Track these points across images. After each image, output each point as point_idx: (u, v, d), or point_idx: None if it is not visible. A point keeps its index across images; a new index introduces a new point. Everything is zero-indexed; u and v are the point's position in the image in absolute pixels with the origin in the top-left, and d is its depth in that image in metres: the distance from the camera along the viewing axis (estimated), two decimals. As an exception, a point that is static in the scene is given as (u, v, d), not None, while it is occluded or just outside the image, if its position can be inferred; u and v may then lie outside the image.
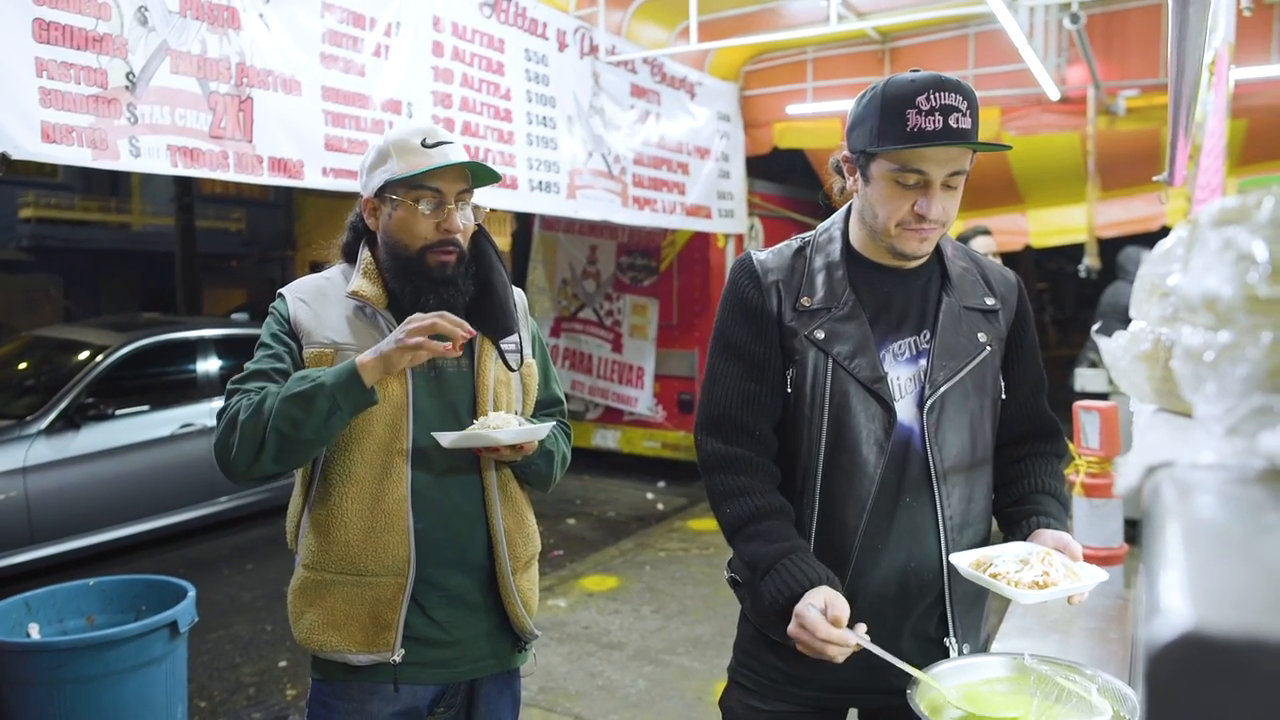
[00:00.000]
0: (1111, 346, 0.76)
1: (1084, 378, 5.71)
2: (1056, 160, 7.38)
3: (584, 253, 8.62)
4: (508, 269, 1.97)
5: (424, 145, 1.78)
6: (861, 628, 1.39)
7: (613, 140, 5.88)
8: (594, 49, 5.70)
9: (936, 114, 1.44)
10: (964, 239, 4.90)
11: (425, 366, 1.81)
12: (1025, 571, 1.38)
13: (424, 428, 1.77)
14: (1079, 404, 2.28)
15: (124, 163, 3.18)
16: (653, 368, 8.21)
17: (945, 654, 1.63)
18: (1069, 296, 27.50)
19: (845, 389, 1.57)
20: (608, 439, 8.40)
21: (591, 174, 5.69)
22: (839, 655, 1.39)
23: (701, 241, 7.85)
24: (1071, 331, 23.68)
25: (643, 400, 8.24)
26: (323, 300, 1.84)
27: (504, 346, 1.90)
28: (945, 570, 1.60)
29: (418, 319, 1.65)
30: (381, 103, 4.14)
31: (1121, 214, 7.86)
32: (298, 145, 3.77)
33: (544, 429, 1.79)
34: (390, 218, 1.80)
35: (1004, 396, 1.68)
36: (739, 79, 7.49)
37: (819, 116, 7.30)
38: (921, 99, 1.44)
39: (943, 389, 1.57)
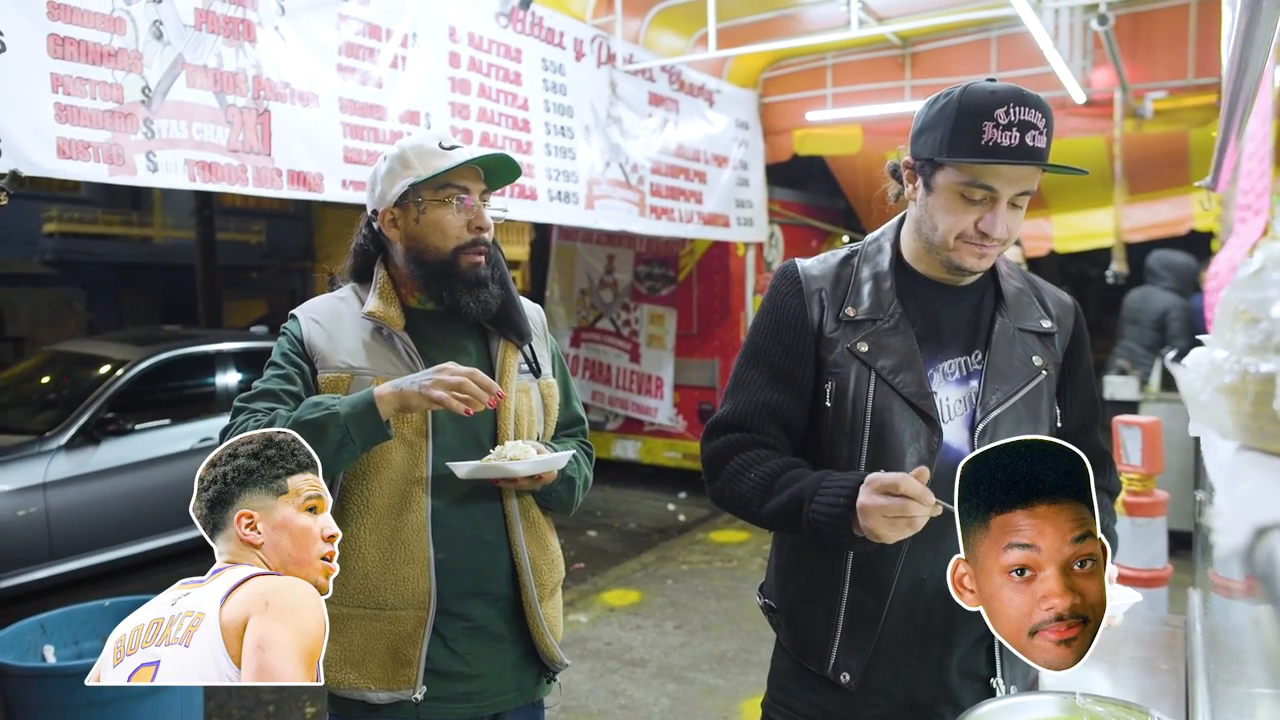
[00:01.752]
0: (1190, 378, 0.70)
1: (1114, 385, 5.61)
2: (1081, 164, 7.24)
3: (602, 262, 8.58)
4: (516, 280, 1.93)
5: (442, 148, 1.75)
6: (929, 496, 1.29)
7: (630, 149, 5.83)
8: (611, 58, 5.65)
9: (1014, 130, 1.37)
10: None
11: None
12: None
13: (443, 454, 1.71)
14: (1119, 419, 2.20)
15: (141, 178, 3.15)
16: (672, 378, 8.15)
17: (992, 694, 1.54)
18: (1093, 302, 27.24)
19: (889, 404, 1.49)
20: (628, 449, 8.33)
21: (609, 184, 5.64)
22: (920, 516, 1.28)
23: (721, 250, 7.78)
24: (1096, 337, 23.44)
25: (662, 410, 8.17)
26: (337, 322, 1.78)
27: (525, 355, 1.85)
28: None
29: (449, 372, 1.58)
30: (399, 114, 4.11)
31: (1148, 218, 7.74)
32: (316, 158, 3.74)
33: (563, 458, 1.72)
34: (418, 222, 1.75)
35: (1060, 424, 1.59)
36: (758, 86, 7.43)
37: (839, 123, 7.23)
38: (1000, 112, 1.38)
39: (995, 412, 1.50)
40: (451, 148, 1.76)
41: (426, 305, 1.81)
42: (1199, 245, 8.53)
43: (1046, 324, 1.59)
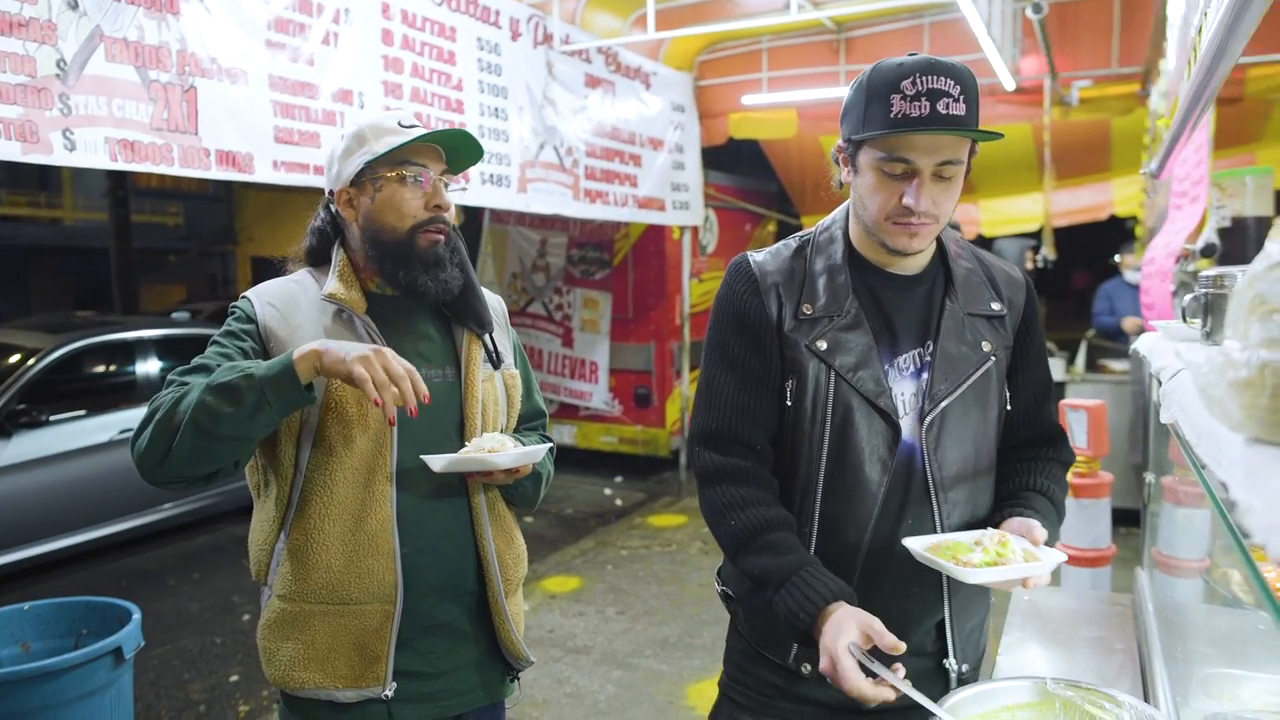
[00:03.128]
0: (1205, 370, 0.69)
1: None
2: (1009, 150, 7.43)
3: (534, 246, 8.49)
4: None
5: (401, 126, 1.69)
6: (900, 671, 1.28)
7: (565, 131, 5.75)
8: (548, 38, 5.56)
9: (923, 99, 1.35)
10: None
11: None
12: (976, 553, 1.32)
13: (409, 446, 1.64)
14: (1065, 402, 2.24)
15: (58, 156, 2.98)
16: (607, 362, 8.12)
17: (944, 675, 1.56)
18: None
19: (848, 403, 1.49)
20: (563, 434, 8.29)
21: (543, 166, 5.56)
22: (874, 701, 1.28)
23: (656, 234, 7.76)
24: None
25: (598, 395, 8.14)
26: (293, 306, 1.69)
27: (487, 346, 1.80)
28: (946, 589, 1.54)
29: (385, 359, 1.46)
30: (332, 93, 3.97)
31: (1071, 203, 7.96)
32: (246, 137, 3.59)
33: (540, 450, 1.68)
34: (374, 200, 1.68)
35: (1009, 406, 1.60)
36: (694, 69, 7.40)
37: (773, 107, 7.25)
38: (907, 83, 1.36)
39: (943, 404, 1.50)
40: (410, 127, 1.70)
41: (386, 290, 1.74)
42: (1117, 230, 8.80)
43: (996, 306, 1.57)
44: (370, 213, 1.69)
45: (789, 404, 1.53)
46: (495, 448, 1.61)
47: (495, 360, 1.81)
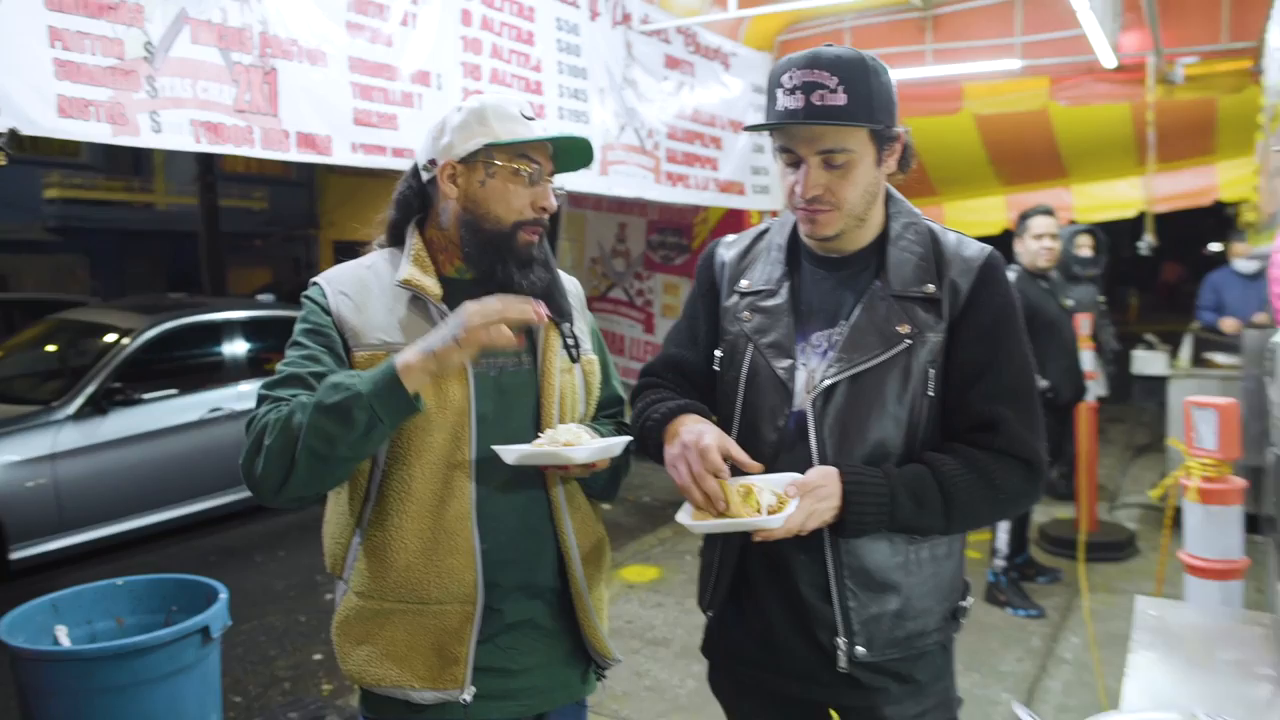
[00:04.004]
0: None
1: (1142, 360, 5.46)
2: (1106, 132, 7.10)
3: (613, 230, 8.42)
4: None
5: (523, 115, 1.63)
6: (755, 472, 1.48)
7: (646, 113, 5.65)
8: (627, 18, 5.46)
9: (798, 92, 1.45)
10: (1025, 217, 4.65)
11: (484, 363, 1.62)
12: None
13: (486, 437, 1.58)
14: (1190, 400, 2.07)
15: (145, 139, 3.00)
16: (686, 348, 8.01)
17: (830, 657, 1.55)
18: (1113, 275, 27.05)
19: (756, 369, 1.61)
20: (640, 420, 8.21)
21: (624, 149, 5.48)
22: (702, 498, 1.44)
23: (735, 218, 7.60)
24: (1113, 311, 23.28)
25: (676, 381, 8.05)
26: (366, 293, 1.63)
27: (565, 336, 1.72)
28: (831, 557, 1.54)
29: (477, 307, 1.44)
30: (410, 74, 3.95)
31: (1172, 187, 7.58)
32: (325, 120, 3.58)
33: (619, 444, 1.59)
34: (484, 185, 1.61)
35: (931, 392, 1.54)
36: (774, 49, 7.22)
37: (858, 87, 7.02)
38: (785, 76, 1.47)
39: (831, 381, 1.53)
40: (531, 118, 1.64)
41: (466, 275, 1.67)
42: (1211, 217, 8.33)
43: (930, 288, 1.55)
44: (476, 196, 1.62)
45: (717, 369, 1.69)
46: (571, 441, 1.53)
47: (573, 354, 1.73)
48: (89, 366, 5.69)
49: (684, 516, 1.45)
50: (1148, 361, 5.47)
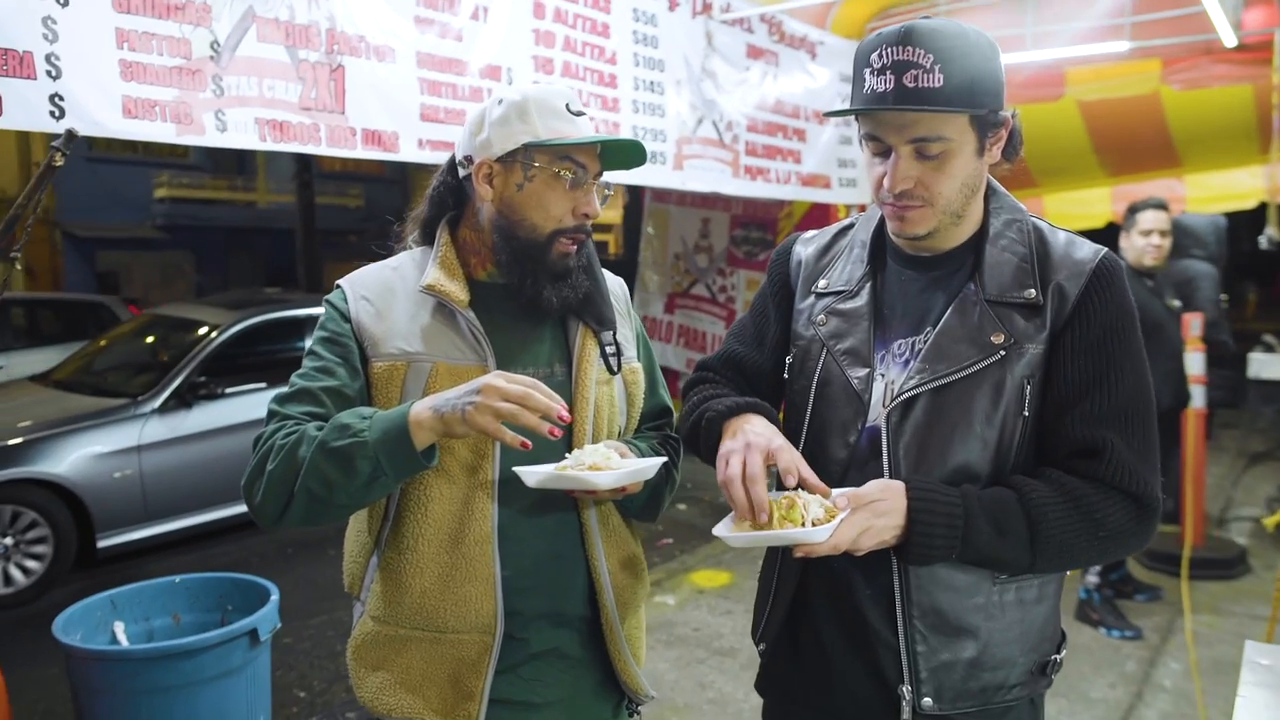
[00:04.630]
0: None
1: (1259, 363, 5.06)
2: (1224, 117, 6.61)
3: (696, 225, 8.29)
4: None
5: (569, 110, 1.50)
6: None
7: (725, 105, 5.49)
8: (707, 7, 5.31)
9: (888, 72, 1.28)
10: (1133, 210, 4.34)
11: (515, 374, 1.51)
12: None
13: (511, 455, 1.46)
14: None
15: (209, 138, 3.00)
16: (768, 346, 7.83)
17: (895, 707, 1.38)
18: (1231, 270, 25.71)
19: (829, 378, 1.47)
20: (722, 419, 8.06)
21: (701, 142, 5.33)
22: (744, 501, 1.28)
23: (821, 213, 7.38)
24: (1230, 308, 22.17)
25: (757, 380, 7.88)
26: (389, 298, 1.54)
27: (605, 345, 1.59)
28: (900, 592, 1.38)
29: (497, 394, 1.30)
30: (479, 69, 3.88)
31: (1296, 178, 7.03)
32: (391, 116, 3.55)
33: (651, 466, 1.44)
34: (521, 189, 1.50)
35: (1026, 411, 1.35)
36: (864, 36, 6.96)
37: (951, 75, 6.72)
38: (874, 55, 1.30)
39: (912, 393, 1.37)
40: (578, 113, 1.51)
41: (498, 279, 1.56)
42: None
43: (1031, 293, 1.36)
44: (512, 201, 1.51)
45: (786, 376, 1.56)
46: (599, 463, 1.39)
47: (612, 365, 1.60)
48: (177, 361, 5.84)
49: (722, 529, 1.31)
50: (1266, 365, 5.06)
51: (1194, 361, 4.65)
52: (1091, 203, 8.00)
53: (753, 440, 1.33)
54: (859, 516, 1.26)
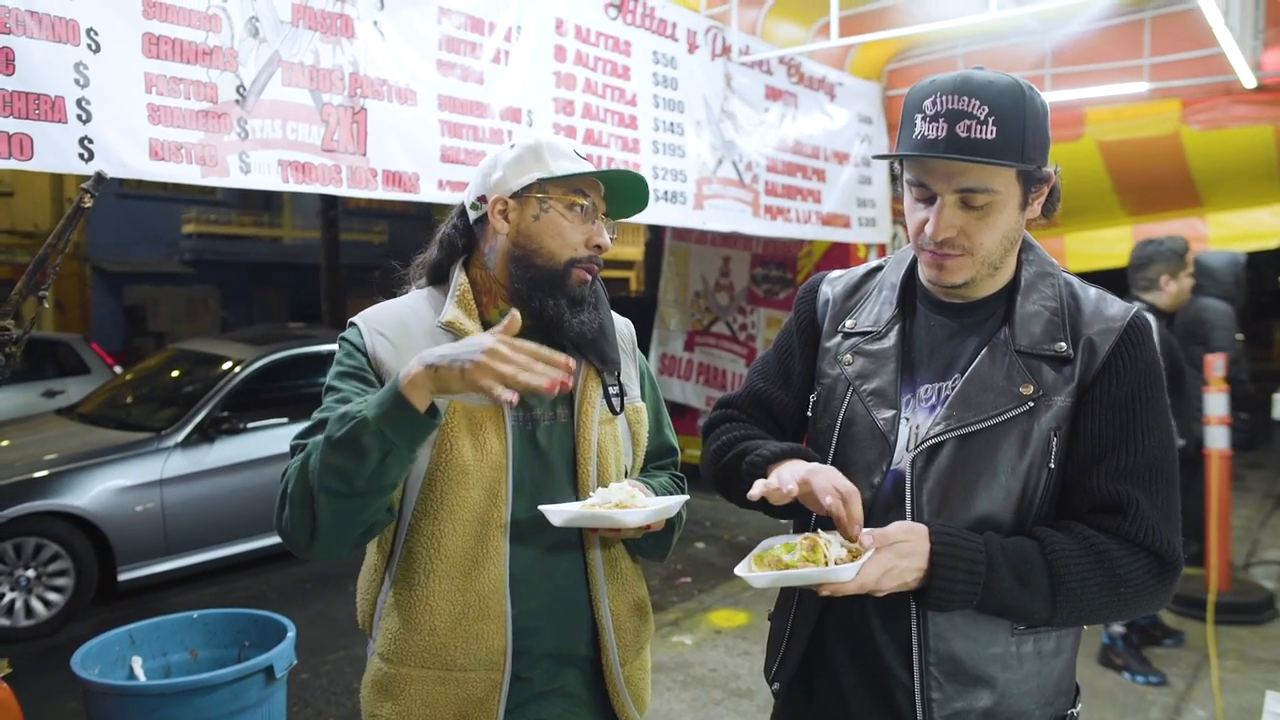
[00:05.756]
0: None
1: (1284, 405, 4.99)
2: (1245, 157, 6.61)
3: (716, 264, 8.33)
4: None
5: (577, 154, 1.57)
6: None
7: (745, 145, 5.55)
8: (726, 49, 5.39)
9: (941, 121, 1.29)
10: (1182, 251, 4.26)
11: (520, 414, 1.53)
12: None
13: (523, 494, 1.48)
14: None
15: (233, 179, 3.07)
16: (788, 384, 7.81)
17: None
18: (1255, 309, 25.43)
19: (854, 418, 1.46)
20: (741, 457, 8.04)
21: (720, 182, 5.38)
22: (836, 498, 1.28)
23: (841, 252, 7.39)
24: (1254, 347, 21.90)
25: (777, 418, 7.85)
26: (406, 335, 1.55)
27: (609, 385, 1.61)
28: (917, 639, 1.37)
29: (499, 356, 1.27)
30: (500, 111, 3.95)
31: (1319, 218, 7.00)
32: (412, 157, 3.61)
33: (675, 505, 1.47)
34: (538, 219, 1.54)
35: (1052, 464, 1.35)
36: (882, 78, 7.01)
37: (970, 115, 6.74)
38: (929, 102, 1.31)
39: (938, 439, 1.37)
40: (585, 158, 1.59)
41: None
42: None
43: (1061, 346, 1.37)
44: (528, 232, 1.54)
45: (810, 414, 1.56)
46: (624, 501, 1.41)
47: (614, 405, 1.62)
48: (200, 396, 5.90)
49: (743, 569, 1.31)
50: (1291, 408, 4.99)
51: (1216, 403, 4.59)
52: (1113, 242, 7.97)
53: (821, 468, 1.34)
54: (883, 556, 1.26)
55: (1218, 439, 4.65)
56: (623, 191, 1.62)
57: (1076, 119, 6.53)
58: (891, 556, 1.26)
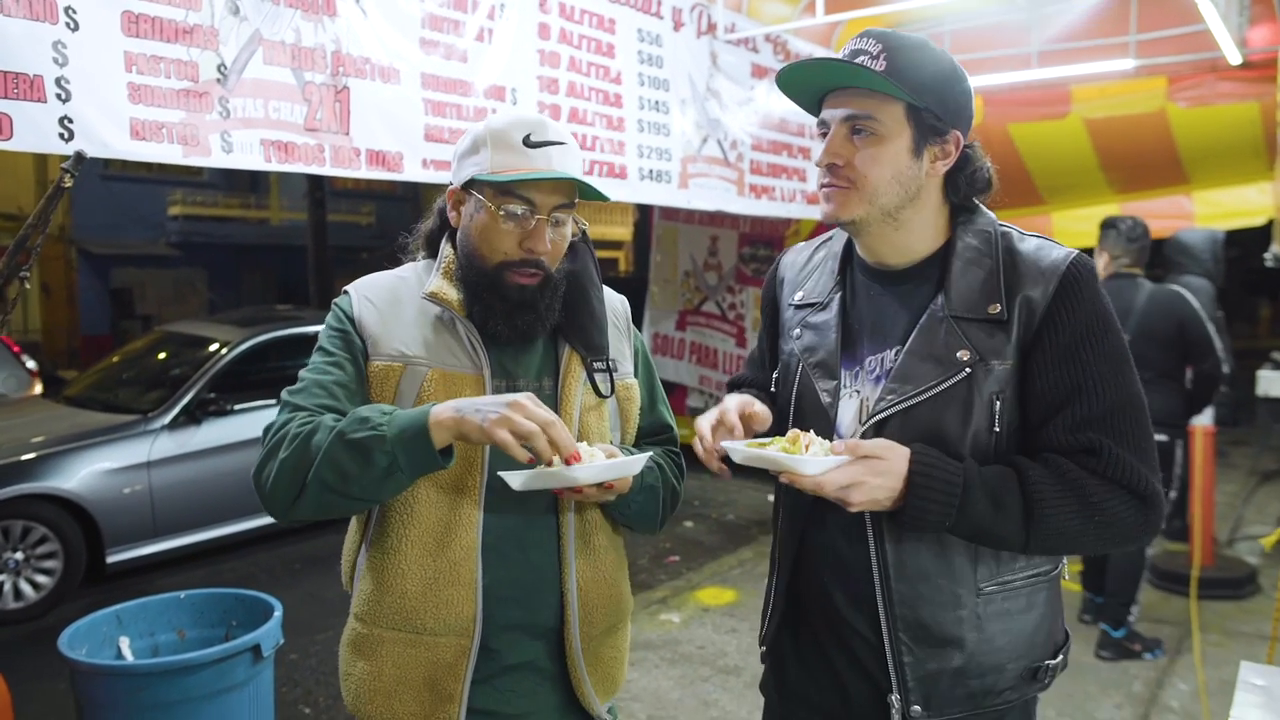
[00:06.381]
0: None
1: (1268, 380, 5.03)
2: (1231, 134, 6.62)
3: (705, 243, 8.33)
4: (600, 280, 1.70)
5: (525, 143, 1.49)
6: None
7: (730, 124, 5.53)
8: (712, 27, 5.36)
9: (845, 58, 1.38)
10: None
11: (502, 385, 1.53)
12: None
13: (500, 464, 1.47)
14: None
15: (215, 159, 3.05)
16: (776, 363, 7.84)
17: (888, 713, 1.41)
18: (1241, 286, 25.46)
19: (804, 393, 1.50)
20: (731, 436, 8.07)
21: (705, 161, 5.37)
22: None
23: (827, 231, 7.40)
24: (1237, 322, 21.97)
25: (765, 397, 7.88)
26: (394, 303, 1.57)
27: (595, 368, 1.61)
28: (883, 606, 1.40)
29: (522, 413, 1.31)
30: (484, 89, 3.93)
31: (1303, 194, 7.02)
32: (396, 136, 3.59)
33: (636, 462, 1.44)
34: (471, 219, 1.53)
35: (997, 428, 1.36)
36: (869, 55, 6.99)
37: (957, 93, 6.74)
38: (842, 51, 1.41)
39: (883, 414, 1.38)
40: (540, 144, 1.49)
41: None
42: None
43: (995, 308, 1.36)
44: (467, 230, 1.55)
45: (772, 390, 1.60)
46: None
47: (601, 390, 1.61)
48: (187, 378, 5.89)
49: (730, 443, 1.38)
50: (1274, 382, 5.02)
51: (1199, 379, 4.62)
52: (1099, 219, 8.00)
53: (726, 403, 1.45)
54: (855, 468, 1.26)
55: (1202, 415, 4.69)
56: (582, 185, 1.56)
57: (1063, 96, 6.54)
58: (864, 470, 1.27)
